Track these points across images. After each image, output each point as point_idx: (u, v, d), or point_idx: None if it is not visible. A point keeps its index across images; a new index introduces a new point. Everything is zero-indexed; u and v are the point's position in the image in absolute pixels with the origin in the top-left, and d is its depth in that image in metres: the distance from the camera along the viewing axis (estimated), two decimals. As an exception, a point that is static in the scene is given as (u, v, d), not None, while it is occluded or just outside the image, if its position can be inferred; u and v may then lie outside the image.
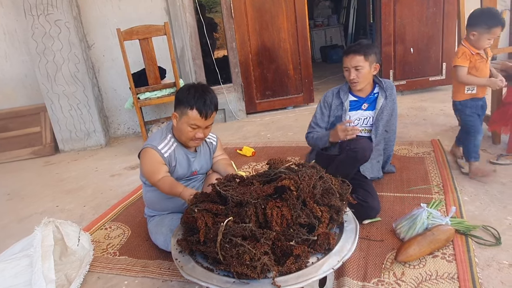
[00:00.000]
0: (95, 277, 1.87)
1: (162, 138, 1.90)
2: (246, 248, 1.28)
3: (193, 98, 1.76)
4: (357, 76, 2.15)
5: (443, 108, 3.88)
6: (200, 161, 2.02)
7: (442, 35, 4.33)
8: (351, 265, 1.67)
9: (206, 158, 2.06)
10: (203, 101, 1.76)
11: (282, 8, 4.28)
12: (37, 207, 2.83)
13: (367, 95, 2.29)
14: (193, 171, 1.99)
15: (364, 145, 2.05)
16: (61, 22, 3.84)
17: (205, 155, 2.06)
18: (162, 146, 1.86)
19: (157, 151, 1.84)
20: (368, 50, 2.14)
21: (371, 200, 1.99)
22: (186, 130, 1.81)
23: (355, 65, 2.13)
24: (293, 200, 1.45)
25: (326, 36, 8.78)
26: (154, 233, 1.97)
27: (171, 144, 1.90)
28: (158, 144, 1.86)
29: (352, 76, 2.15)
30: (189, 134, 1.82)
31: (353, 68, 2.15)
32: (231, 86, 4.51)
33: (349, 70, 2.16)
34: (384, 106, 2.24)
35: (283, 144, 3.45)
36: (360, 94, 2.29)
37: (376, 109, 2.24)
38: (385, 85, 2.26)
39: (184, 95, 1.79)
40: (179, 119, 1.83)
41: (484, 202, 2.08)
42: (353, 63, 2.13)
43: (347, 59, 2.16)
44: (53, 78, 3.98)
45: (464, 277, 1.53)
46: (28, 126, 4.28)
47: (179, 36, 4.21)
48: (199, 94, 1.78)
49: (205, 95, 1.78)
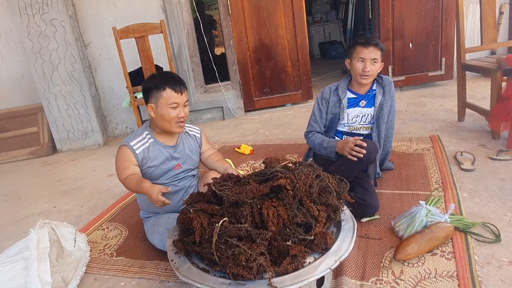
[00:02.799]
0: (92, 279, 1.85)
1: (137, 135, 1.90)
2: (241, 249, 1.26)
3: (161, 80, 1.80)
4: (372, 70, 2.13)
5: (442, 104, 3.85)
6: (182, 154, 1.97)
7: (441, 30, 4.30)
8: (349, 264, 1.65)
9: (191, 151, 2.01)
10: (171, 78, 1.81)
11: (279, 4, 4.25)
12: (34, 208, 2.82)
13: (365, 92, 2.26)
14: (175, 165, 1.95)
15: (370, 147, 1.99)
16: (56, 21, 3.81)
17: (189, 147, 2.01)
18: (134, 143, 1.85)
19: (129, 147, 1.83)
20: (383, 47, 2.15)
21: (369, 198, 1.97)
22: (167, 113, 1.80)
23: (373, 58, 2.11)
24: (290, 200, 1.42)
25: (325, 32, 8.75)
26: (150, 233, 1.96)
27: (145, 140, 1.88)
28: (131, 141, 1.86)
29: (368, 67, 2.11)
30: (172, 115, 1.80)
31: (371, 60, 2.11)
32: (229, 84, 4.48)
33: (365, 62, 2.12)
34: (382, 102, 2.21)
35: (281, 141, 3.43)
36: (360, 90, 2.26)
37: (375, 106, 2.22)
38: (384, 81, 2.23)
39: (151, 82, 1.83)
40: (156, 107, 1.82)
41: (483, 199, 2.06)
42: (372, 55, 2.10)
43: (367, 50, 2.11)
44: (49, 78, 3.95)
45: (463, 275, 1.51)
46: (25, 127, 4.27)
47: (176, 34, 4.18)
48: (163, 75, 1.84)
49: (169, 74, 1.85)
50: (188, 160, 2.01)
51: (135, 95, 3.53)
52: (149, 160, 1.87)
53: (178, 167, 1.97)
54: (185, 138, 2.01)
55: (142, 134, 1.90)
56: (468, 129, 3.08)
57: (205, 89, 4.51)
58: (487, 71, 2.88)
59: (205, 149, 2.09)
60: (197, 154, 2.06)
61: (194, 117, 4.52)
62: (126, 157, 1.83)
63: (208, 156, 2.09)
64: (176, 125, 1.84)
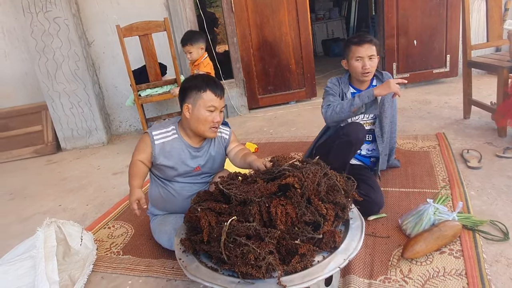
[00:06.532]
0: (99, 277, 1.86)
1: (162, 126, 1.88)
2: (250, 248, 1.26)
3: (203, 82, 1.78)
4: (371, 66, 2.13)
5: (447, 101, 3.83)
6: (205, 157, 1.92)
7: (446, 26, 4.27)
8: (357, 262, 1.65)
9: (216, 154, 1.94)
10: (213, 81, 1.81)
11: (283, 1, 4.23)
12: (39, 207, 2.82)
13: (366, 88, 2.25)
14: (195, 167, 1.90)
15: (356, 127, 2.03)
16: (60, 20, 3.81)
17: (214, 150, 1.95)
18: (157, 133, 1.84)
19: (150, 136, 1.83)
20: (376, 41, 2.15)
21: (374, 195, 1.96)
22: (205, 115, 1.77)
23: (370, 54, 2.10)
24: (298, 198, 1.42)
25: (328, 29, 8.71)
26: (157, 232, 1.95)
27: (169, 134, 1.86)
28: (154, 130, 1.85)
29: (368, 65, 2.11)
30: (208, 118, 1.77)
31: (368, 58, 2.11)
32: (233, 82, 4.47)
33: (363, 60, 2.11)
34: (383, 98, 2.19)
35: (286, 139, 3.42)
36: (360, 86, 2.25)
37: (378, 102, 2.20)
38: (384, 76, 2.23)
39: (192, 82, 1.81)
40: (192, 108, 1.78)
41: (491, 197, 2.05)
42: (369, 52, 2.10)
43: (362, 48, 2.10)
44: (53, 76, 3.95)
45: (472, 273, 1.51)
46: (29, 125, 4.27)
47: (179, 32, 4.16)
48: (206, 77, 1.84)
49: (211, 77, 1.86)
50: (209, 163, 1.94)
51: (139, 93, 3.53)
52: (165, 155, 1.83)
53: (197, 170, 1.91)
54: (213, 141, 1.95)
55: (168, 127, 1.87)
56: (474, 126, 3.06)
57: (208, 87, 4.49)
58: (493, 68, 2.86)
59: (231, 147, 2.00)
60: (221, 156, 1.99)
61: (197, 115, 4.51)
62: (143, 144, 1.84)
63: (234, 154, 1.97)
64: (210, 129, 1.81)
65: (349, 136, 2.01)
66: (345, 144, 2.02)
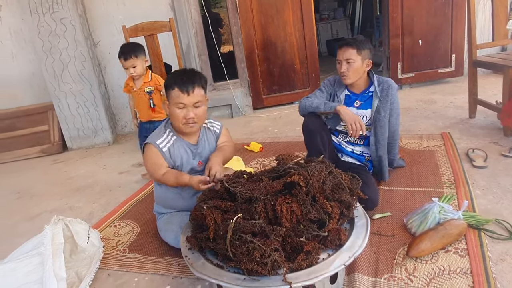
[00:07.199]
0: (106, 274, 1.87)
1: (160, 133, 1.91)
2: (256, 245, 1.27)
3: (172, 79, 1.82)
4: (347, 70, 2.13)
5: (453, 101, 3.82)
6: (204, 151, 1.96)
7: (451, 26, 4.26)
8: (362, 260, 1.65)
9: (211, 148, 2.00)
10: (181, 78, 1.80)
11: (287, 1, 4.24)
12: (46, 206, 2.85)
13: (360, 92, 2.24)
14: (198, 161, 1.94)
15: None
16: (66, 20, 3.84)
17: (210, 144, 1.99)
18: (160, 141, 1.87)
19: (156, 146, 1.85)
20: (361, 45, 2.12)
21: (367, 191, 1.88)
22: (176, 112, 1.81)
23: (347, 58, 2.11)
24: (303, 196, 1.43)
25: (332, 29, 8.70)
26: (164, 231, 1.97)
27: (169, 138, 1.89)
28: (156, 139, 1.87)
29: (343, 68, 2.14)
30: (180, 115, 1.80)
31: (344, 61, 2.13)
32: (238, 82, 4.49)
33: (340, 63, 2.15)
34: (379, 106, 2.16)
35: (290, 139, 3.43)
36: (354, 89, 2.25)
37: (372, 110, 2.18)
38: (382, 84, 2.17)
39: (166, 81, 1.85)
40: (169, 106, 1.84)
41: (496, 196, 2.04)
42: (345, 56, 2.12)
43: (340, 51, 2.15)
44: (59, 77, 3.99)
45: (477, 271, 1.51)
46: (36, 125, 4.31)
47: (184, 32, 4.19)
48: (178, 73, 1.85)
49: (184, 73, 1.83)
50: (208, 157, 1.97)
51: (145, 93, 3.54)
52: (173, 158, 1.88)
53: (200, 165, 1.95)
54: (207, 135, 1.99)
55: (165, 133, 1.90)
56: (479, 126, 3.05)
57: (213, 87, 4.52)
58: (499, 67, 2.85)
59: (219, 142, 2.04)
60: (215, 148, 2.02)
61: (202, 115, 4.53)
62: (156, 154, 1.85)
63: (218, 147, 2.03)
64: (184, 126, 1.84)
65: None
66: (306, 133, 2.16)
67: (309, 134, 2.19)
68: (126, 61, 2.67)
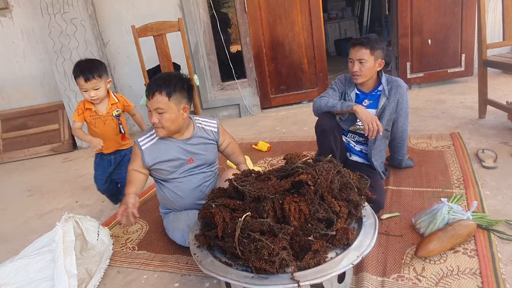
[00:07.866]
0: (115, 271, 1.90)
1: (147, 131, 1.96)
2: (264, 243, 1.28)
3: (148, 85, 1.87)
4: (360, 69, 2.11)
5: (462, 101, 3.79)
6: (196, 148, 1.94)
7: (461, 25, 4.22)
8: (370, 260, 1.65)
9: (205, 146, 1.97)
10: (149, 84, 1.84)
11: (296, 1, 4.23)
12: (57, 203, 2.89)
13: (370, 91, 2.24)
14: (188, 159, 1.92)
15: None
16: (77, 21, 3.89)
17: (205, 143, 1.98)
18: (142, 139, 1.91)
19: (137, 144, 1.90)
20: (375, 44, 2.10)
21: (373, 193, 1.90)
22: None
23: (359, 58, 2.10)
24: (311, 195, 1.44)
25: (341, 29, 8.67)
26: (170, 230, 1.99)
27: (153, 136, 1.91)
28: (140, 137, 1.93)
29: (355, 68, 2.12)
30: (149, 119, 1.87)
31: (357, 61, 2.11)
32: (246, 81, 4.50)
33: (353, 62, 2.13)
34: (386, 105, 2.16)
35: (298, 138, 3.43)
36: (363, 88, 2.25)
37: (378, 108, 2.18)
38: (391, 84, 2.17)
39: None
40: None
41: (506, 196, 2.03)
42: (358, 56, 2.10)
43: (353, 50, 2.13)
44: (70, 76, 4.02)
45: (486, 272, 1.50)
46: (46, 124, 4.38)
47: (193, 32, 4.22)
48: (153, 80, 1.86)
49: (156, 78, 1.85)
50: (201, 155, 1.96)
51: (154, 92, 3.57)
52: (156, 156, 1.89)
53: (190, 162, 1.94)
54: (200, 133, 1.98)
55: (152, 130, 1.93)
56: (489, 126, 3.03)
57: (221, 86, 4.54)
58: (510, 67, 2.83)
59: (221, 141, 2.06)
60: (212, 149, 2.02)
61: (211, 115, 4.55)
62: (133, 153, 1.96)
63: (225, 148, 2.12)
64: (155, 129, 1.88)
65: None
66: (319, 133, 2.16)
67: (322, 134, 2.17)
68: (87, 82, 2.16)
